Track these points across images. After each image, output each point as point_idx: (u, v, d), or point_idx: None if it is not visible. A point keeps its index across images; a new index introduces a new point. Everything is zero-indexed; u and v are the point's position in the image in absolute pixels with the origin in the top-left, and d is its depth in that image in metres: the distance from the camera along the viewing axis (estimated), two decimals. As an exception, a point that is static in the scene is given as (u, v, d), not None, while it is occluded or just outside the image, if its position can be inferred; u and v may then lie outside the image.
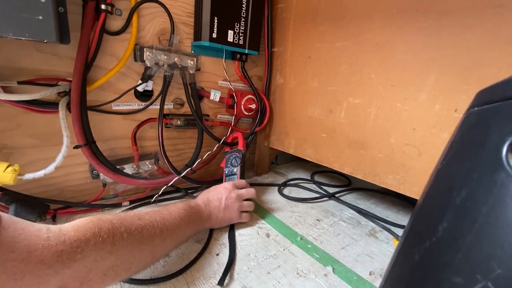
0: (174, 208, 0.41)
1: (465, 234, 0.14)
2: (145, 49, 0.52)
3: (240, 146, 0.65)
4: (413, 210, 0.22)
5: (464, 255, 0.13)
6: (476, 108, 0.17)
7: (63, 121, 0.46)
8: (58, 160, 0.45)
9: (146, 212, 0.36)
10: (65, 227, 0.26)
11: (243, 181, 0.58)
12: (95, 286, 0.28)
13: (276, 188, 0.74)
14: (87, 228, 0.26)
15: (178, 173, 0.59)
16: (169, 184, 0.59)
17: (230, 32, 0.60)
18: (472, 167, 0.15)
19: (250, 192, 0.55)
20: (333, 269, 0.44)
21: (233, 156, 0.64)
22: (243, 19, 0.62)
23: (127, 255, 0.30)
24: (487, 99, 0.17)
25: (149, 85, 0.57)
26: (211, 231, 0.51)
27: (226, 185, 0.53)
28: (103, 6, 0.45)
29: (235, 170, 0.62)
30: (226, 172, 0.63)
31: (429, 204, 0.18)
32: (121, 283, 0.38)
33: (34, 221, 0.44)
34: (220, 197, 0.50)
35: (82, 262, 0.25)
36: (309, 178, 0.84)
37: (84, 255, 0.25)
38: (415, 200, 0.48)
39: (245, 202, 0.54)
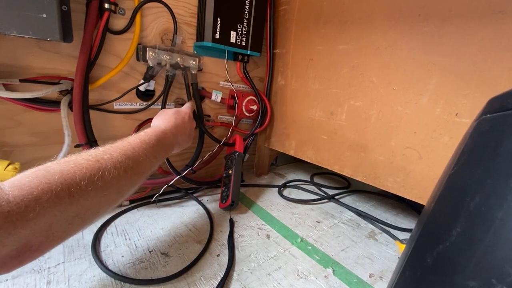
0: (138, 141, 0.37)
1: (480, 239, 0.14)
2: (147, 48, 0.52)
3: (237, 147, 0.65)
4: (422, 214, 0.22)
5: (479, 259, 0.13)
6: (488, 115, 0.18)
7: (64, 120, 0.45)
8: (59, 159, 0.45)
9: (104, 151, 0.32)
10: (6, 186, 0.23)
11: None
12: (63, 235, 0.27)
13: (276, 189, 0.74)
14: (33, 186, 0.23)
15: (178, 173, 0.59)
16: (169, 184, 0.59)
17: (233, 33, 0.60)
18: (486, 173, 0.15)
19: None
20: (333, 271, 0.44)
21: (230, 157, 0.64)
22: (245, 21, 0.62)
23: (91, 203, 0.28)
24: (500, 106, 0.17)
25: (151, 85, 0.57)
26: (211, 232, 0.51)
27: (188, 111, 0.51)
28: (106, 5, 0.45)
29: (230, 172, 0.61)
30: (224, 174, 0.63)
31: (441, 209, 0.18)
32: (121, 283, 0.38)
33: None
34: (186, 126, 0.49)
35: (39, 219, 0.23)
36: (309, 179, 0.84)
37: (38, 213, 0.23)
38: (414, 202, 0.48)
39: None
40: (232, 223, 0.54)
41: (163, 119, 0.46)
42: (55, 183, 0.25)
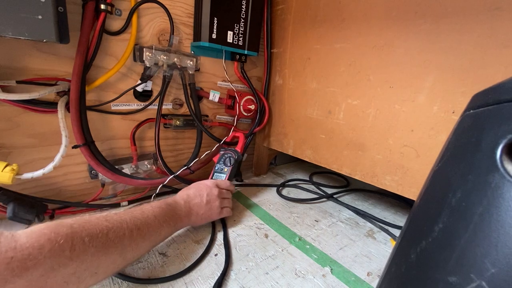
0: (148, 206, 0.39)
1: (460, 235, 0.14)
2: (144, 49, 0.52)
3: (239, 147, 0.65)
4: (410, 211, 0.22)
5: (459, 255, 0.14)
6: (471, 111, 0.18)
7: (62, 121, 0.46)
8: (57, 160, 0.45)
9: (115, 213, 0.34)
10: (18, 233, 0.24)
11: (227, 182, 0.58)
12: None
13: (275, 188, 0.74)
14: (42, 234, 0.25)
15: (172, 173, 0.59)
16: (164, 183, 0.59)
17: (230, 33, 0.60)
18: (467, 168, 0.15)
19: (231, 188, 0.56)
20: (331, 269, 0.44)
21: (228, 155, 0.63)
22: (242, 20, 0.62)
23: (90, 260, 0.28)
24: (482, 102, 0.17)
25: (148, 85, 0.57)
26: (213, 233, 0.51)
27: (207, 182, 0.52)
28: (102, 6, 0.45)
29: (225, 170, 0.61)
30: (216, 168, 0.63)
31: (425, 205, 0.18)
32: (120, 281, 0.38)
33: (32, 221, 0.45)
34: (201, 193, 0.49)
35: (35, 270, 0.23)
36: (308, 179, 0.84)
37: (37, 262, 0.23)
38: (413, 201, 0.48)
39: (226, 199, 0.54)
40: (224, 222, 0.54)
41: (181, 191, 0.49)
42: (61, 234, 0.26)
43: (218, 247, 0.48)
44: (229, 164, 0.62)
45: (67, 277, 0.26)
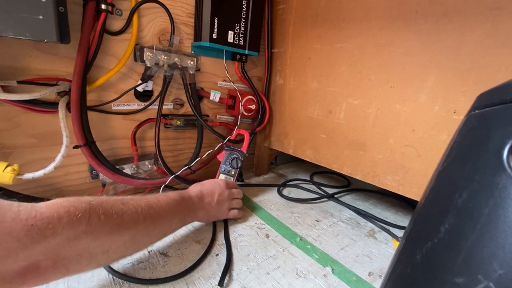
0: (164, 197, 0.41)
1: (467, 235, 0.14)
2: (145, 49, 0.52)
3: (244, 147, 0.65)
4: (414, 211, 0.22)
5: (466, 256, 0.14)
6: (477, 111, 0.18)
7: (62, 121, 0.45)
8: (58, 160, 0.45)
9: (131, 198, 0.35)
10: (39, 204, 0.26)
11: (234, 183, 0.60)
12: (70, 267, 0.27)
13: (276, 188, 0.74)
14: (61, 206, 0.26)
15: (172, 173, 0.59)
16: (165, 184, 0.59)
17: (230, 33, 0.60)
18: (473, 169, 0.15)
19: (240, 193, 0.57)
20: (333, 269, 0.44)
21: (235, 156, 0.63)
22: (243, 20, 0.62)
23: (104, 238, 0.29)
24: (487, 102, 0.17)
25: (149, 85, 0.57)
26: (214, 232, 0.51)
27: (220, 182, 0.53)
28: (103, 6, 0.45)
29: (232, 172, 0.61)
30: (223, 169, 0.63)
31: (431, 206, 0.18)
32: (121, 282, 0.38)
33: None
34: (213, 192, 0.50)
35: (53, 239, 0.24)
36: (308, 179, 0.84)
37: (55, 231, 0.24)
38: (414, 201, 0.48)
39: (234, 201, 0.55)
40: (225, 222, 0.54)
41: (194, 186, 0.51)
42: (79, 208, 0.27)
43: (219, 247, 0.48)
44: (236, 166, 0.62)
45: (81, 250, 0.28)
